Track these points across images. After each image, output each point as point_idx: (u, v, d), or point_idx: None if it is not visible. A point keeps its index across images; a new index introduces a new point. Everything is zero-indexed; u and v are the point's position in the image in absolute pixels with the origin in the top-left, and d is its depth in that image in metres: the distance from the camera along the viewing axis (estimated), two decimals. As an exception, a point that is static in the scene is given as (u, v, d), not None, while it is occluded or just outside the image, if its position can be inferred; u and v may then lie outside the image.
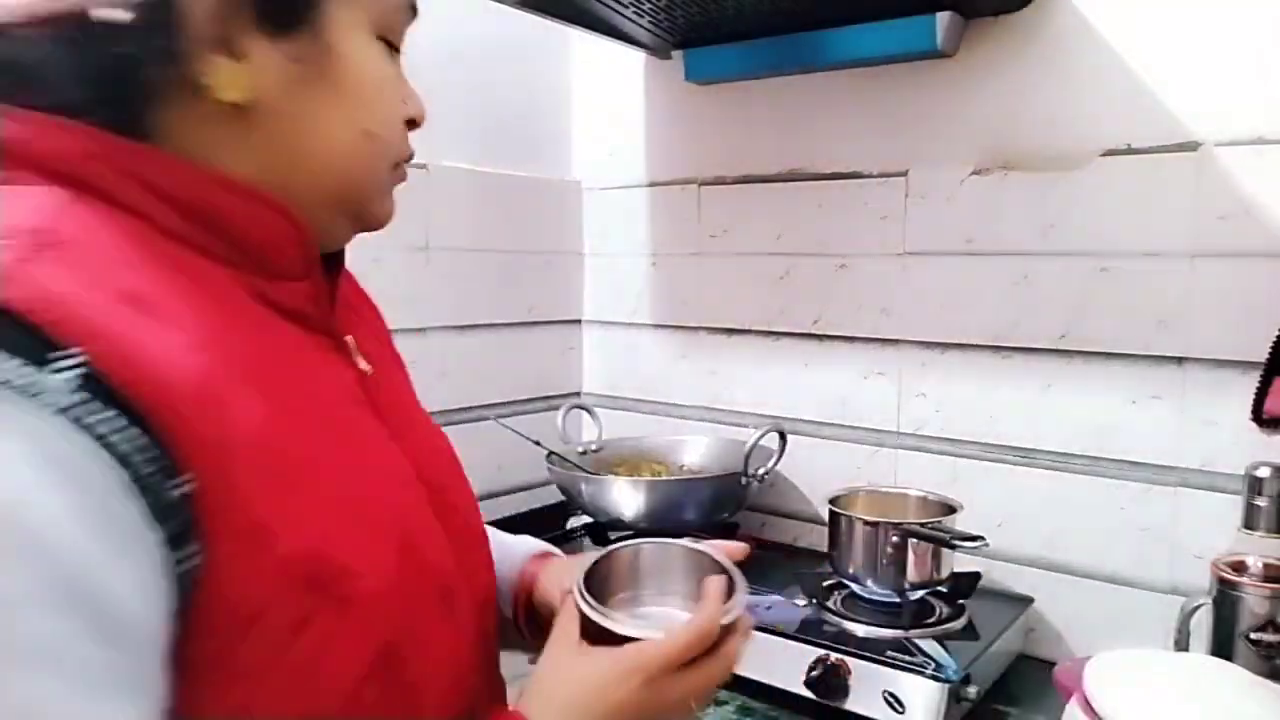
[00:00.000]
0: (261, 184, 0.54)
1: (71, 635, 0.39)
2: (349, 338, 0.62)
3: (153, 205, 0.50)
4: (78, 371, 0.41)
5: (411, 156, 0.63)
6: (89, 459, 0.41)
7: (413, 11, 0.61)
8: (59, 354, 0.41)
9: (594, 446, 1.63)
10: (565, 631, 0.61)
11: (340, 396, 0.58)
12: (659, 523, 1.40)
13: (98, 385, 0.42)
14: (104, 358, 0.42)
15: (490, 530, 0.73)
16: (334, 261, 0.64)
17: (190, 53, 0.50)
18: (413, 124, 0.62)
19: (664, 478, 1.53)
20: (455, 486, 0.68)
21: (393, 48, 0.59)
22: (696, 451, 1.63)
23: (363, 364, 0.62)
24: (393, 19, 0.58)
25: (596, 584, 0.62)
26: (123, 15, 0.47)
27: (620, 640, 0.57)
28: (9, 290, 0.42)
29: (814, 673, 1.08)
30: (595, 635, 0.59)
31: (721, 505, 1.46)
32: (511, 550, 0.79)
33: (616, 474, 1.54)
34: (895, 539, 1.19)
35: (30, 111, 0.49)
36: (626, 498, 1.41)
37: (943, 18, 1.25)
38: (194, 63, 0.50)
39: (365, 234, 0.64)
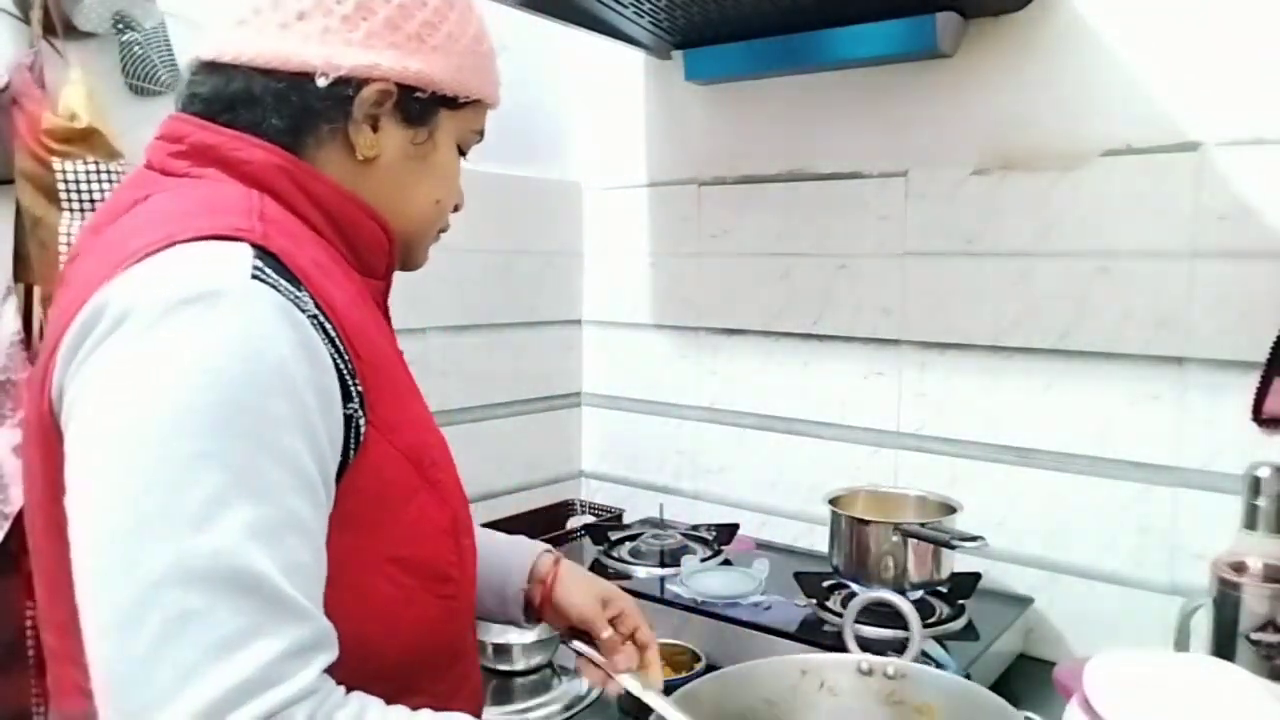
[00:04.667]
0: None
1: (300, 451, 0.59)
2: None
3: (309, 208, 0.72)
4: (310, 298, 0.64)
5: (448, 227, 0.86)
6: (321, 349, 0.63)
7: (480, 136, 0.85)
8: (300, 285, 0.64)
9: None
10: None
11: (402, 361, 0.79)
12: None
13: (320, 309, 0.64)
14: (318, 295, 0.65)
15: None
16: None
17: (352, 119, 0.73)
18: (456, 208, 0.86)
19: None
20: None
21: (462, 153, 0.84)
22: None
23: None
24: (469, 137, 0.83)
25: None
26: (322, 84, 0.70)
27: None
28: (269, 242, 0.64)
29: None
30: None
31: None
32: (515, 544, 0.99)
33: None
34: (895, 539, 1.19)
35: (225, 128, 0.70)
36: None
37: (943, 18, 1.25)
38: (351, 126, 0.73)
39: None
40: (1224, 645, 1.01)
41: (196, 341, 0.57)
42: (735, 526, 1.53)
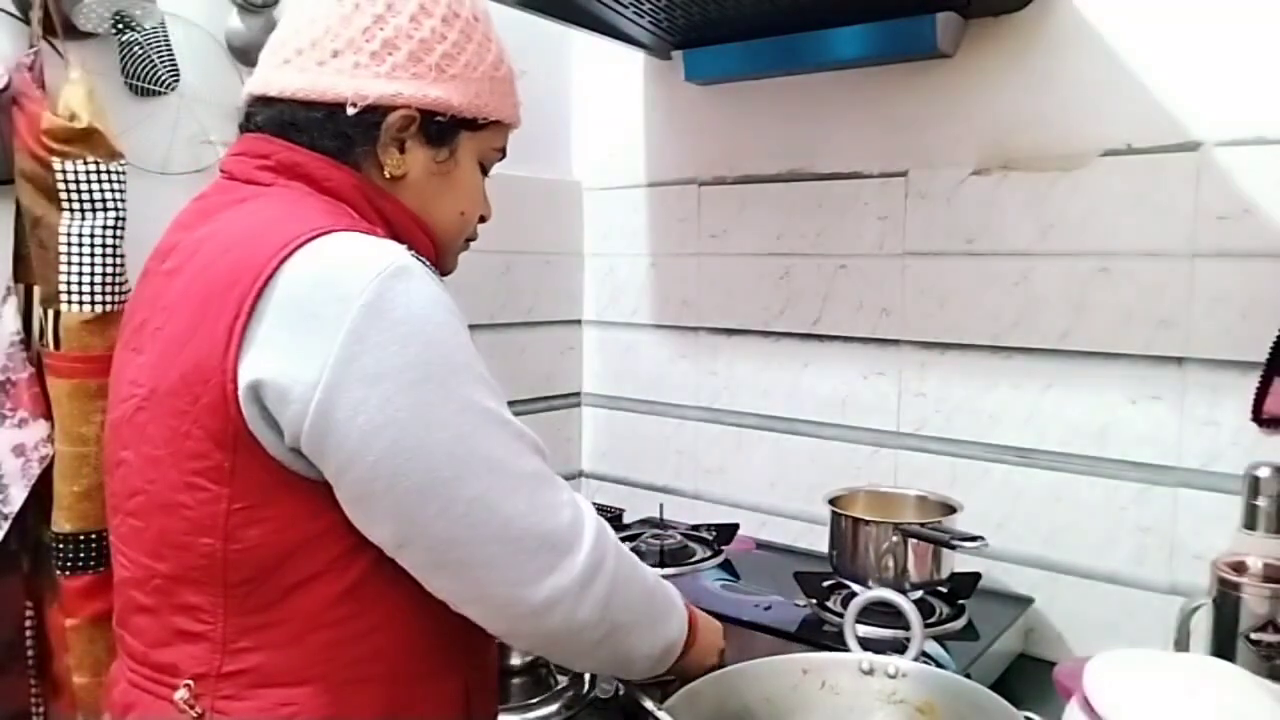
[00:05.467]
0: None
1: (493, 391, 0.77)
2: None
3: (378, 221, 0.82)
4: None
5: (476, 237, 0.97)
6: (464, 320, 0.77)
7: (502, 154, 0.95)
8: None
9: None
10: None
11: None
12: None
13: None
14: None
15: None
16: None
17: (380, 142, 0.83)
18: (483, 219, 0.96)
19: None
20: None
21: (484, 171, 0.94)
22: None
23: None
24: (490, 155, 0.93)
25: None
26: (351, 112, 0.80)
27: None
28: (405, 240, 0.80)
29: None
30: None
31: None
32: None
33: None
34: (895, 539, 1.19)
35: (299, 147, 0.81)
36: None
37: (943, 18, 1.25)
38: (379, 148, 0.83)
39: None
40: (1224, 645, 1.01)
41: (420, 303, 0.72)
42: (735, 526, 1.53)
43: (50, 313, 1.04)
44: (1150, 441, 1.21)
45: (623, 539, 1.49)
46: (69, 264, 1.04)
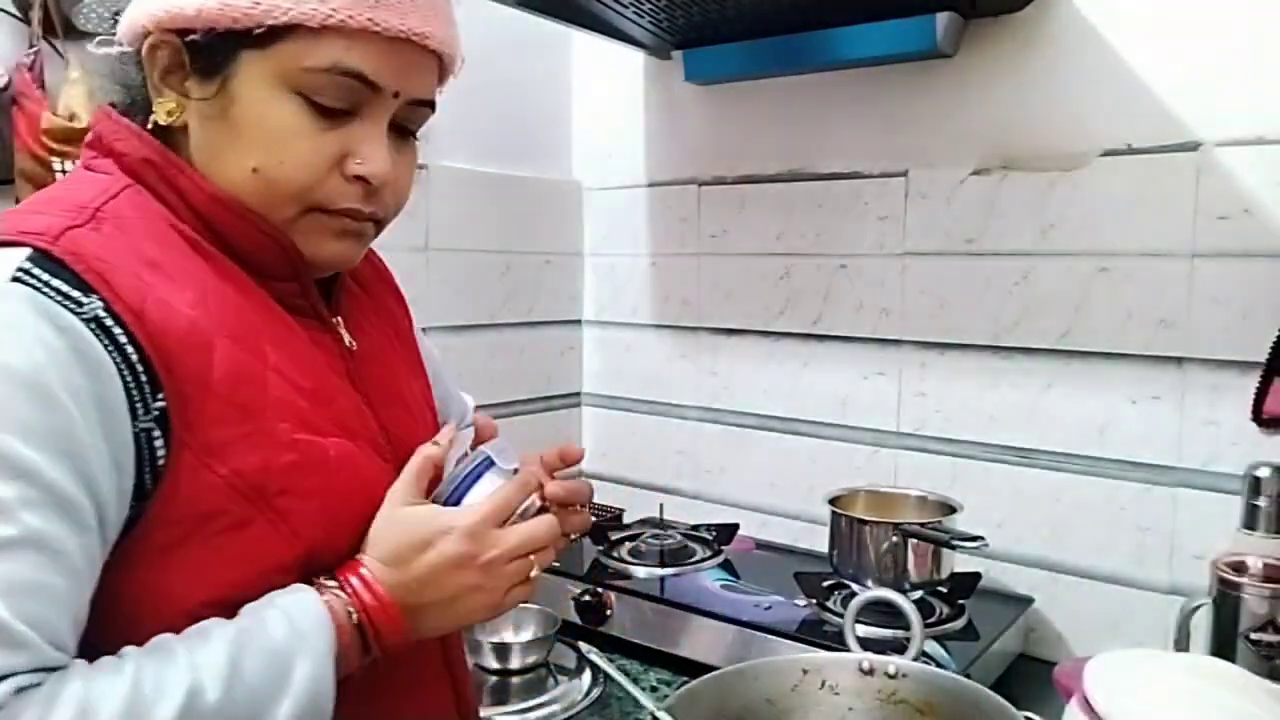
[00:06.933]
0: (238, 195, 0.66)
1: (41, 464, 0.52)
2: (338, 319, 0.74)
3: (178, 205, 0.65)
4: (100, 304, 0.56)
5: (352, 210, 0.68)
6: (101, 357, 0.55)
7: (352, 75, 0.64)
8: (91, 290, 0.56)
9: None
10: (401, 482, 0.70)
11: (318, 365, 0.69)
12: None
13: (115, 315, 0.57)
14: (116, 300, 0.57)
15: None
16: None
17: (156, 84, 0.66)
18: (361, 180, 0.67)
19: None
20: None
21: (321, 105, 0.64)
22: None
23: (349, 341, 0.74)
24: (311, 80, 0.63)
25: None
26: (114, 50, 0.64)
27: None
28: (59, 244, 0.57)
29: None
30: None
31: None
32: None
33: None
34: (895, 539, 1.19)
35: (119, 115, 0.67)
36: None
37: (943, 18, 1.25)
38: (156, 91, 0.66)
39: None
40: (1224, 645, 1.01)
41: None
42: (735, 526, 1.53)
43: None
44: (1150, 441, 1.21)
45: (623, 539, 1.50)
46: None
